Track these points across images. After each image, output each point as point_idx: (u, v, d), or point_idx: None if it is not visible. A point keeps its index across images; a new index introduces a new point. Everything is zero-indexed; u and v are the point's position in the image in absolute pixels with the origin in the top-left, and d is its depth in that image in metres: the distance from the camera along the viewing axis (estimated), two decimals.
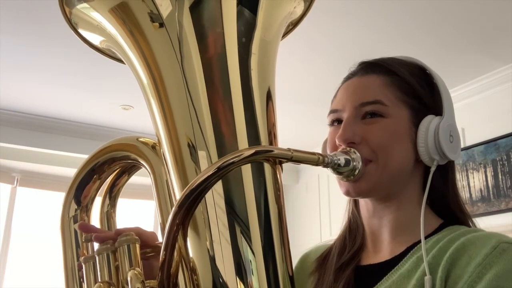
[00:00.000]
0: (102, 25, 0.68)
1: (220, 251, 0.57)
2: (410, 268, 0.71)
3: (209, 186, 0.56)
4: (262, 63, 0.65)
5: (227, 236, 0.57)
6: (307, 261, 0.89)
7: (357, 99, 0.76)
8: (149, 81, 0.65)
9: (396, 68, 0.78)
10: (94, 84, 3.57)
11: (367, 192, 0.75)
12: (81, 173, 0.75)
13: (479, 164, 3.39)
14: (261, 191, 0.60)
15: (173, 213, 0.55)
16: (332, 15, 2.69)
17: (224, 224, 0.57)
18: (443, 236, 0.72)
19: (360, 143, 0.73)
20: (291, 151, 0.58)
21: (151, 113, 0.65)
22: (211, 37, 0.63)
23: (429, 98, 0.78)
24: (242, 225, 0.58)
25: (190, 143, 0.61)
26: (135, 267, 0.63)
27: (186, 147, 0.61)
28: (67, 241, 0.75)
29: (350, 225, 0.85)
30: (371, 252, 0.80)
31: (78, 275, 0.73)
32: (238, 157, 0.54)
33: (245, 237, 0.57)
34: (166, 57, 0.63)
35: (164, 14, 0.62)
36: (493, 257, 0.63)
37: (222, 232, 0.57)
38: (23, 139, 4.14)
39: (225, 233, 0.57)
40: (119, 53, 0.70)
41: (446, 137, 0.74)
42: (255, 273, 0.57)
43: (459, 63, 3.23)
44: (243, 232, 0.57)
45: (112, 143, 0.74)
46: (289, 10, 0.71)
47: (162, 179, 0.66)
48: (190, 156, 0.61)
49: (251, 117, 0.62)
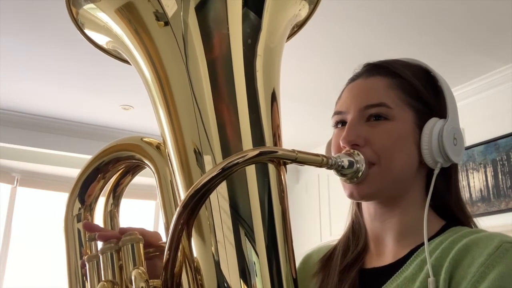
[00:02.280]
0: (108, 26, 0.68)
1: (225, 254, 0.57)
2: (414, 271, 0.71)
3: (213, 186, 0.55)
4: (267, 64, 0.65)
5: (232, 239, 0.57)
6: (309, 262, 0.89)
7: (361, 101, 0.76)
8: (154, 81, 0.65)
9: (400, 70, 0.78)
10: (94, 84, 3.57)
11: (371, 195, 0.75)
12: (85, 172, 0.75)
13: (479, 164, 3.39)
14: (265, 193, 0.60)
15: (178, 213, 0.55)
16: (332, 15, 2.70)
17: (228, 228, 0.57)
18: (445, 237, 0.72)
19: (364, 145, 0.73)
20: (296, 152, 0.58)
21: (157, 113, 0.65)
22: (217, 37, 0.63)
23: (433, 101, 0.77)
24: (246, 227, 0.58)
25: (196, 144, 0.61)
26: (139, 266, 0.63)
27: (192, 148, 0.61)
28: (71, 240, 0.75)
29: (353, 226, 0.85)
30: (374, 255, 0.80)
31: (81, 273, 0.73)
32: (242, 158, 0.54)
33: (249, 240, 0.58)
34: (172, 57, 0.63)
35: (169, 13, 0.63)
36: (496, 257, 0.63)
37: (227, 236, 0.57)
38: (23, 139, 4.13)
39: (230, 236, 0.57)
40: (125, 54, 0.70)
41: (450, 140, 0.74)
42: (259, 275, 0.57)
43: (459, 63, 3.23)
44: (247, 234, 0.58)
45: (117, 143, 0.74)
46: (294, 12, 0.71)
47: (166, 180, 0.67)
48: (195, 157, 0.61)
49: (256, 118, 0.62)
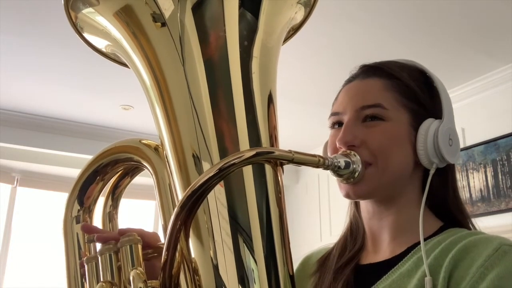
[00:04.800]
0: (107, 29, 0.68)
1: (224, 260, 0.57)
2: (410, 268, 0.71)
3: (211, 186, 0.56)
4: (263, 66, 0.65)
5: (230, 245, 0.57)
6: (308, 262, 0.90)
7: (357, 102, 0.77)
8: (152, 84, 0.65)
9: (396, 71, 0.79)
10: (94, 84, 3.58)
11: (367, 194, 0.76)
12: (84, 174, 0.76)
13: (479, 164, 3.39)
14: (263, 195, 0.60)
15: (175, 213, 0.55)
16: (330, 16, 2.70)
17: (227, 233, 0.58)
18: (444, 238, 0.72)
19: (360, 146, 0.74)
20: (292, 152, 0.58)
21: (154, 116, 0.65)
22: (213, 38, 0.63)
23: (429, 102, 0.78)
24: (244, 234, 0.58)
25: (193, 146, 0.61)
26: (137, 267, 0.64)
27: (189, 149, 0.62)
28: (70, 241, 0.76)
29: (351, 226, 0.86)
30: (371, 252, 0.81)
31: (80, 274, 0.74)
32: (239, 158, 0.54)
33: (247, 245, 0.58)
34: (169, 59, 0.64)
35: (166, 14, 0.63)
36: (495, 259, 0.64)
37: (225, 241, 0.58)
38: (23, 139, 4.14)
39: (228, 241, 0.57)
40: (124, 57, 0.70)
41: (445, 140, 0.75)
42: (257, 282, 0.57)
43: (458, 63, 3.24)
44: (245, 241, 0.58)
45: (116, 145, 0.75)
46: (290, 15, 0.72)
47: (164, 181, 0.67)
48: (192, 159, 0.61)
49: (253, 120, 0.62)
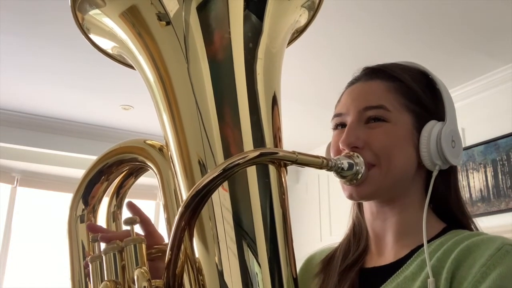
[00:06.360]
0: (114, 31, 0.68)
1: (228, 263, 0.57)
2: (414, 270, 0.72)
3: (215, 187, 0.56)
4: (268, 68, 0.65)
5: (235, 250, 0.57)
6: (312, 263, 0.90)
7: (360, 104, 0.77)
8: (158, 85, 0.65)
9: (399, 74, 0.79)
10: (94, 84, 3.58)
11: (370, 195, 0.76)
12: (89, 174, 0.76)
13: (479, 164, 3.40)
14: (266, 196, 0.60)
15: (180, 213, 0.55)
16: (332, 17, 2.70)
17: (232, 239, 0.58)
18: (446, 239, 0.73)
19: (363, 147, 0.74)
20: (296, 153, 0.59)
21: (160, 116, 0.66)
22: (218, 39, 0.63)
23: (431, 104, 0.78)
24: (248, 238, 0.58)
25: (198, 145, 0.62)
26: (142, 266, 0.64)
27: (194, 149, 0.62)
28: (74, 241, 0.76)
29: (354, 228, 0.86)
30: (375, 254, 0.81)
31: (84, 274, 0.74)
32: (243, 159, 0.54)
33: (251, 249, 0.58)
34: (174, 60, 0.64)
35: (171, 13, 0.63)
36: (497, 258, 0.64)
37: (230, 247, 0.58)
38: (23, 139, 4.14)
39: (233, 247, 0.58)
40: (129, 58, 0.70)
41: (448, 142, 0.75)
42: (261, 285, 0.57)
43: (459, 63, 3.24)
44: (249, 245, 0.58)
45: (121, 145, 0.75)
46: (295, 18, 0.72)
47: (169, 181, 0.67)
48: (197, 159, 0.62)
49: (257, 120, 0.62)
